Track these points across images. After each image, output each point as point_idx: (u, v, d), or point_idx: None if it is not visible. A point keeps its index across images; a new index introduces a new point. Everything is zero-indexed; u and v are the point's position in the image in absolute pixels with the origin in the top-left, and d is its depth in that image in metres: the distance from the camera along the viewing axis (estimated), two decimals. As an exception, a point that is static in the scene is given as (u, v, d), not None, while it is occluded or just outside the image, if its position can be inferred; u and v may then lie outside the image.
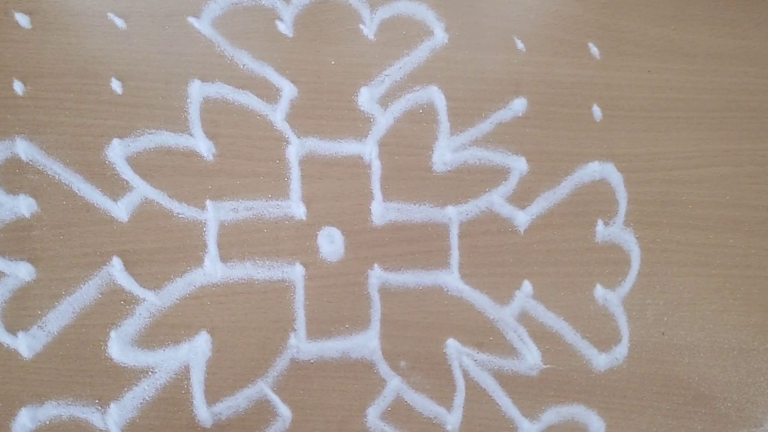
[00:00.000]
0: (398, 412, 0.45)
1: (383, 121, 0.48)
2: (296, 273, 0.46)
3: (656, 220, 0.50)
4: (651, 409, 0.48)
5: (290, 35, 0.48)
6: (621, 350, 0.48)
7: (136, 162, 0.45)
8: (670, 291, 0.49)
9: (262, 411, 0.44)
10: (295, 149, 0.47)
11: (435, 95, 0.49)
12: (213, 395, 0.44)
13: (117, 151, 0.44)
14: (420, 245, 0.47)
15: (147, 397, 0.43)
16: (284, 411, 0.44)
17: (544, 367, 0.47)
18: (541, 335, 0.48)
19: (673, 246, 0.50)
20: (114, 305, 0.43)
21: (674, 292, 0.49)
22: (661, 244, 0.50)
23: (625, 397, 0.48)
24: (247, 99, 0.47)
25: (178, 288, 0.44)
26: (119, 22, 0.46)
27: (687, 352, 0.49)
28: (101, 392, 0.43)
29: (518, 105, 0.50)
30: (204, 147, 0.46)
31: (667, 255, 0.50)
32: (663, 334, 0.49)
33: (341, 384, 0.45)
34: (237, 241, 0.45)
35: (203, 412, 0.43)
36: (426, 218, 0.48)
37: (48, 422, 0.42)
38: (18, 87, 0.44)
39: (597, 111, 0.50)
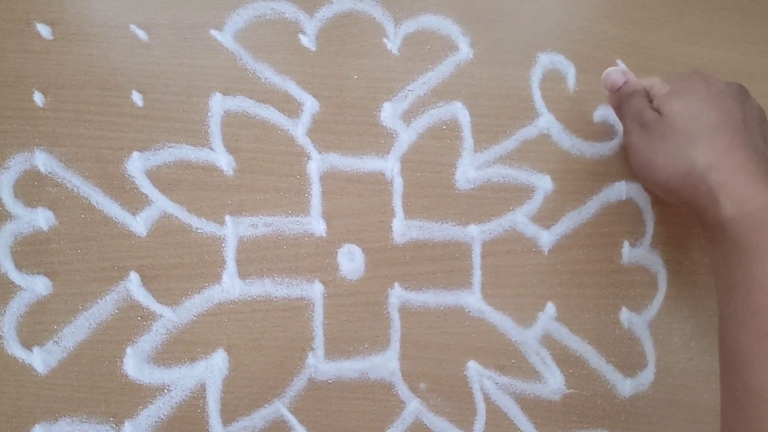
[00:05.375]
0: (417, 435, 0.45)
1: (406, 137, 0.47)
2: (315, 291, 0.45)
3: (684, 242, 0.49)
4: (677, 437, 0.47)
5: (313, 49, 0.47)
6: (647, 376, 0.47)
7: (155, 176, 0.44)
8: (697, 315, 0.48)
9: (279, 432, 0.43)
10: (316, 165, 0.46)
11: (459, 111, 0.48)
12: (229, 414, 0.43)
13: (137, 165, 0.44)
14: (441, 264, 0.46)
15: (162, 416, 0.42)
16: (301, 432, 0.43)
17: (567, 391, 0.46)
18: (565, 359, 0.47)
19: (701, 269, 0.49)
20: (131, 321, 0.43)
21: (702, 316, 0.48)
22: (688, 267, 0.49)
23: (650, 423, 0.47)
24: (269, 113, 0.46)
25: (195, 304, 0.44)
26: (141, 34, 0.45)
27: (714, 378, 0.47)
28: (116, 410, 0.42)
29: (544, 122, 0.49)
30: (224, 161, 0.45)
31: (694, 278, 0.49)
32: (690, 359, 0.48)
33: (359, 405, 0.44)
34: (256, 258, 0.45)
35: (219, 432, 0.43)
36: (448, 237, 0.47)
37: (62, 439, 0.41)
38: (38, 98, 0.44)
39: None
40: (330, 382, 0.44)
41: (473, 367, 0.46)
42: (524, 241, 0.47)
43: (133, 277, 0.43)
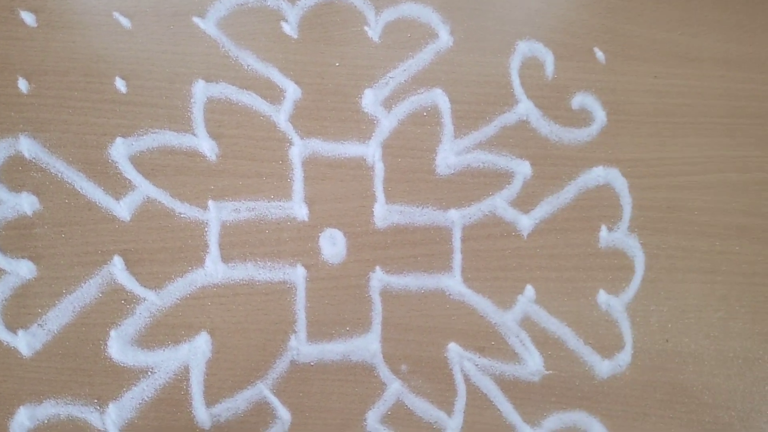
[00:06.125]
0: (398, 416, 0.45)
1: (387, 123, 0.48)
2: (297, 274, 0.45)
3: (661, 226, 0.50)
4: (654, 417, 0.47)
5: (295, 36, 0.48)
6: (624, 357, 0.48)
7: (138, 161, 0.45)
8: (674, 298, 0.49)
9: (261, 413, 0.44)
10: (298, 150, 0.47)
11: (439, 98, 0.49)
12: (212, 396, 0.43)
13: (120, 150, 0.44)
14: (422, 248, 0.47)
15: (146, 398, 0.43)
16: (283, 413, 0.44)
17: (546, 372, 0.47)
18: (544, 340, 0.47)
19: (678, 252, 0.49)
20: (114, 304, 0.43)
21: (679, 298, 0.49)
22: (665, 251, 0.49)
23: (628, 404, 0.47)
24: (251, 99, 0.47)
25: (178, 288, 0.44)
26: (124, 22, 0.46)
27: (691, 359, 0.48)
28: (100, 392, 0.42)
29: (522, 109, 0.49)
30: (207, 147, 0.45)
31: (671, 261, 0.49)
32: (667, 341, 0.48)
33: (341, 387, 0.45)
34: (238, 242, 0.45)
35: (202, 414, 0.43)
36: (429, 221, 0.47)
37: (46, 421, 0.42)
38: (22, 85, 0.44)
39: (602, 116, 0.50)
40: (312, 364, 0.45)
41: (453, 349, 0.46)
42: (503, 225, 0.48)
43: (117, 261, 0.43)
